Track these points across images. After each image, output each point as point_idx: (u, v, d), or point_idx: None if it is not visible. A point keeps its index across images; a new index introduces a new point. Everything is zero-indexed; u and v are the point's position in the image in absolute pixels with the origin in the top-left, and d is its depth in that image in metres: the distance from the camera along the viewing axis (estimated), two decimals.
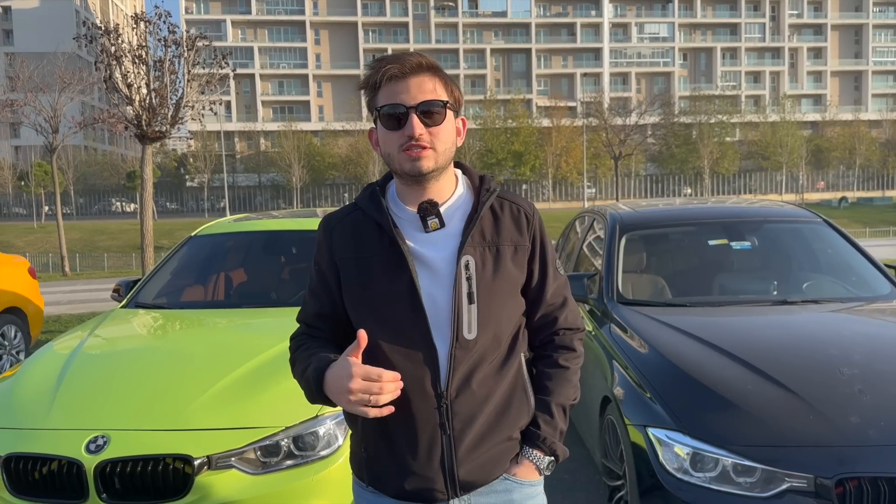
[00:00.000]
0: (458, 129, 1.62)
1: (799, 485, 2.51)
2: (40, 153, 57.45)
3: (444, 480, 1.52)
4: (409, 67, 1.52)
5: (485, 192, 1.61)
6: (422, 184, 1.56)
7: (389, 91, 1.52)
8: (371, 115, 1.59)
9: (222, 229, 5.09)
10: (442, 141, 1.54)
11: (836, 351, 3.13)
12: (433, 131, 1.52)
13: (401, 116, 1.51)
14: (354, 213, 1.64)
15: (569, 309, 1.69)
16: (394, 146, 1.53)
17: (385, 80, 1.52)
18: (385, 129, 1.54)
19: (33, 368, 3.45)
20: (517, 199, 1.66)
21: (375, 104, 1.55)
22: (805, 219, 4.56)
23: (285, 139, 64.70)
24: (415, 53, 1.55)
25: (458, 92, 1.60)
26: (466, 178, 1.67)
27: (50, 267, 34.23)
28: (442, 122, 1.53)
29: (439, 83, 1.55)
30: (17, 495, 2.79)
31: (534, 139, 64.11)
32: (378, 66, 1.54)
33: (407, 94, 1.51)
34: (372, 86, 1.55)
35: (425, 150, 1.51)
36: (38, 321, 7.52)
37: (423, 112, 1.51)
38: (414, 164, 1.52)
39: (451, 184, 1.62)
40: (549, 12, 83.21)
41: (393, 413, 1.48)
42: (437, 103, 1.52)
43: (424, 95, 1.51)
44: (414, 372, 1.51)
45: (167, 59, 10.29)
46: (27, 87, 23.70)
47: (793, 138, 67.52)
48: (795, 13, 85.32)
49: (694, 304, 3.93)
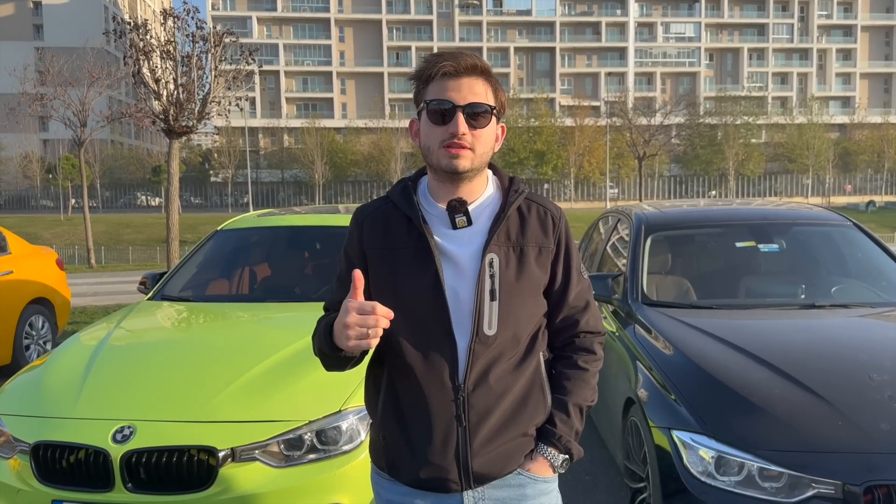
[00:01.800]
0: (498, 134, 1.65)
1: (826, 491, 2.47)
2: (68, 147, 58.23)
3: (458, 471, 1.56)
4: (463, 67, 1.56)
5: (513, 194, 1.64)
6: (455, 182, 1.60)
7: (440, 87, 1.56)
8: (416, 107, 1.62)
9: (248, 224, 5.13)
10: (482, 143, 1.58)
11: (866, 356, 3.08)
12: (476, 133, 1.56)
13: (447, 113, 1.55)
14: (386, 206, 1.68)
15: (591, 313, 1.72)
16: (435, 141, 1.57)
17: (438, 75, 1.56)
18: (429, 123, 1.58)
19: (61, 358, 3.50)
20: (545, 201, 1.69)
21: (424, 97, 1.59)
22: (834, 222, 4.50)
23: (308, 136, 65.01)
24: (471, 54, 1.58)
25: (505, 98, 1.65)
26: (496, 179, 1.70)
27: (76, 259, 34.73)
28: (486, 125, 1.58)
29: (489, 88, 1.59)
30: (45, 483, 2.83)
31: (556, 138, 63.80)
32: (433, 60, 1.58)
33: (457, 93, 1.55)
34: (424, 78, 1.59)
35: (464, 149, 1.55)
36: (65, 312, 7.62)
37: (469, 113, 1.55)
38: (451, 161, 1.56)
39: (482, 184, 1.66)
40: (574, 11, 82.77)
41: (411, 402, 1.57)
42: (485, 107, 1.56)
43: (474, 97, 1.55)
44: (433, 363, 1.56)
45: (195, 55, 10.39)
46: (57, 81, 24.05)
47: (820, 140, 66.53)
48: (825, 14, 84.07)
49: (720, 306, 3.89)
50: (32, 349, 6.96)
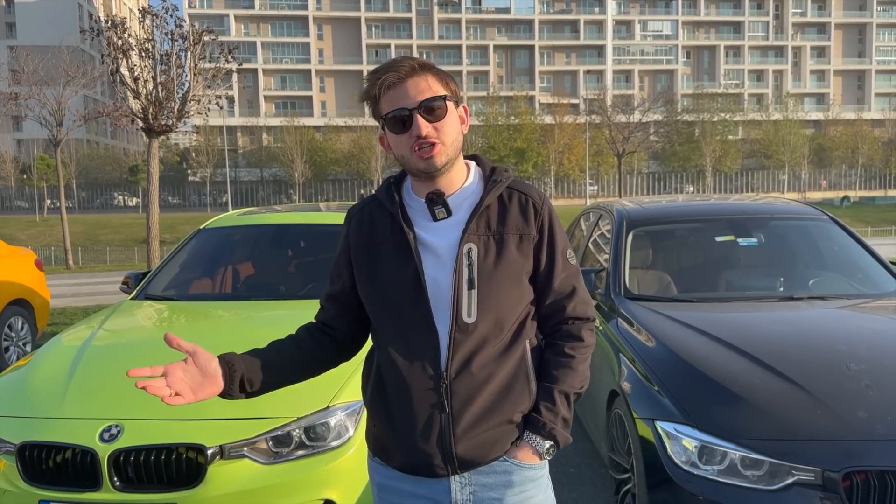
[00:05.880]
0: (462, 117, 1.68)
1: (806, 478, 2.53)
2: (42, 146, 57.49)
3: (441, 457, 1.59)
4: (403, 72, 1.59)
5: (491, 183, 1.67)
6: (435, 178, 1.64)
7: (390, 98, 1.60)
8: (379, 124, 1.66)
9: (231, 222, 5.11)
10: (448, 133, 1.61)
11: (844, 346, 3.15)
12: (438, 126, 1.59)
13: (405, 119, 1.59)
14: (372, 204, 1.74)
15: (578, 298, 1.73)
16: (405, 148, 1.61)
17: (384, 89, 1.60)
18: (393, 134, 1.62)
19: (45, 358, 3.47)
20: (528, 188, 1.71)
21: (380, 113, 1.63)
22: (811, 216, 4.58)
23: (288, 134, 64.70)
24: (405, 58, 1.62)
25: (454, 83, 1.67)
26: (479, 170, 1.73)
27: (52, 260, 34.29)
28: (445, 115, 1.61)
29: (433, 79, 1.61)
30: (31, 483, 2.82)
31: (536, 136, 64.06)
32: (374, 77, 1.61)
33: (407, 98, 1.58)
34: (373, 97, 1.63)
35: (435, 146, 1.59)
36: (45, 313, 7.55)
37: (425, 110, 1.58)
38: (427, 162, 1.60)
39: (461, 175, 1.69)
40: (552, 9, 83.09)
41: (396, 390, 1.62)
42: (436, 99, 1.59)
43: (423, 95, 1.58)
44: (415, 352, 1.61)
45: (174, 53, 10.31)
46: (32, 79, 23.71)
47: (795, 137, 67.44)
48: (799, 11, 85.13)
49: (701, 299, 3.95)
50: (12, 351, 6.89)
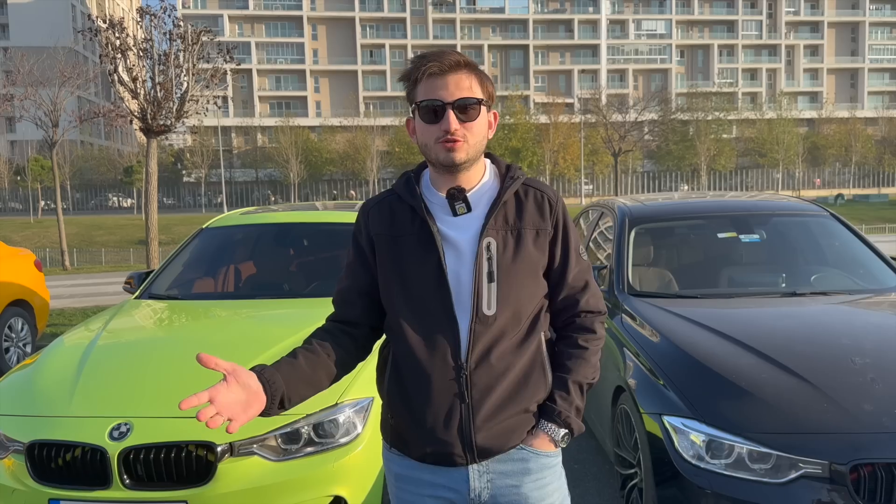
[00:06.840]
0: (490, 122, 1.71)
1: (814, 471, 2.55)
2: (36, 148, 57.28)
3: (461, 446, 1.62)
4: (447, 65, 1.62)
5: (509, 180, 1.71)
6: (453, 172, 1.67)
7: (428, 86, 1.62)
8: (409, 107, 1.69)
9: (233, 222, 5.11)
10: (475, 134, 1.64)
11: (848, 341, 3.17)
12: (467, 126, 1.63)
13: (438, 111, 1.61)
14: (391, 198, 1.76)
15: (590, 293, 1.78)
16: (430, 138, 1.64)
17: (425, 75, 1.62)
18: (423, 122, 1.65)
19: (52, 357, 3.47)
20: (543, 186, 1.76)
21: (414, 97, 1.65)
22: (812, 212, 4.61)
23: (282, 134, 64.60)
24: (454, 52, 1.65)
25: (492, 87, 1.71)
26: (495, 167, 1.76)
27: (48, 261, 34.16)
28: (476, 117, 1.64)
29: (475, 81, 1.65)
30: (41, 482, 2.82)
31: (531, 136, 64.08)
32: (419, 62, 1.64)
33: (445, 91, 1.61)
34: (412, 80, 1.65)
35: (459, 142, 1.62)
36: (45, 314, 7.53)
37: (459, 108, 1.61)
38: (448, 154, 1.63)
39: (479, 172, 1.72)
40: (546, 9, 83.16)
41: (416, 381, 1.64)
42: (473, 100, 1.63)
43: (461, 93, 1.61)
44: (437, 343, 1.63)
45: (172, 53, 10.29)
46: (27, 81, 23.63)
47: (789, 135, 67.62)
48: (792, 10, 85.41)
49: (703, 295, 3.97)
50: (12, 352, 6.87)
